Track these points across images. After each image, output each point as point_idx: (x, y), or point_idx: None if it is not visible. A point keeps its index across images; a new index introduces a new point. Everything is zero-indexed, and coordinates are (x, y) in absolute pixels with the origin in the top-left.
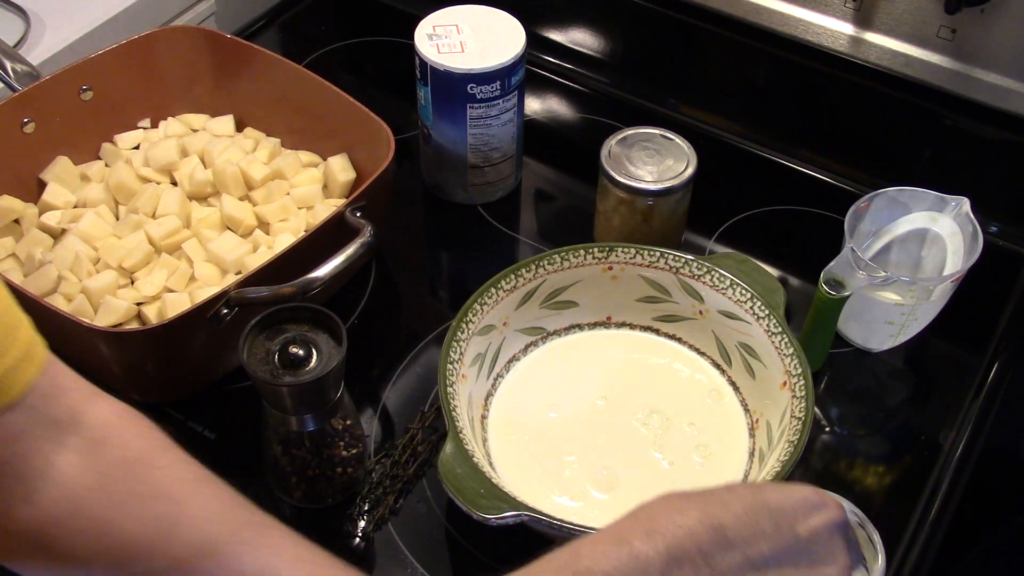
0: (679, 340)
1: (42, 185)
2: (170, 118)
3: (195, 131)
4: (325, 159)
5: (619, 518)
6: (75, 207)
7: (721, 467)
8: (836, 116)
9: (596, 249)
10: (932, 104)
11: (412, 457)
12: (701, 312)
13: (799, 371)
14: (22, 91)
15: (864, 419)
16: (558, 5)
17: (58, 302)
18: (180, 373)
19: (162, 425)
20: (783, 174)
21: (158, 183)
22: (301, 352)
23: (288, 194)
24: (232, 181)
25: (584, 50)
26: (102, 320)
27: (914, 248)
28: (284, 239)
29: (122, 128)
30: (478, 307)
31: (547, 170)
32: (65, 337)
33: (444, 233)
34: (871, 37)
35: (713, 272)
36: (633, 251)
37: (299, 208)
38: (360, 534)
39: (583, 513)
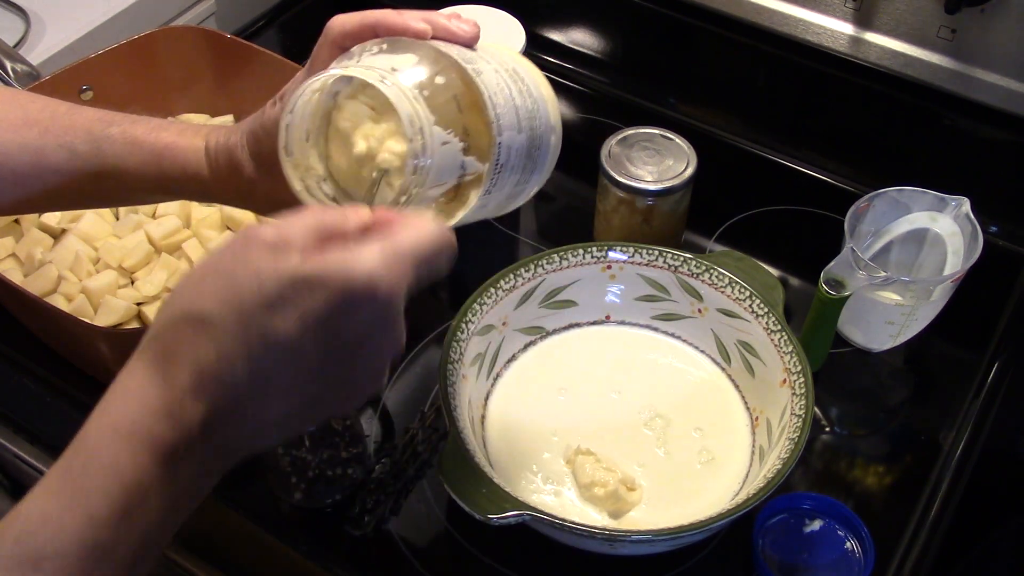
0: (678, 338)
1: None
2: (170, 118)
3: None
4: None
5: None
6: None
7: (722, 469)
8: (836, 116)
9: (595, 248)
10: (932, 104)
11: (412, 457)
12: (700, 310)
13: (799, 368)
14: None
15: (864, 419)
16: (558, 5)
17: (58, 302)
18: None
19: None
20: (783, 174)
21: None
22: None
23: None
24: None
25: (584, 50)
26: (102, 320)
27: (914, 248)
28: None
29: None
30: (478, 307)
31: None
32: (65, 337)
33: None
34: (871, 37)
35: (712, 270)
36: (632, 250)
37: None
38: (360, 534)
39: (563, 507)
